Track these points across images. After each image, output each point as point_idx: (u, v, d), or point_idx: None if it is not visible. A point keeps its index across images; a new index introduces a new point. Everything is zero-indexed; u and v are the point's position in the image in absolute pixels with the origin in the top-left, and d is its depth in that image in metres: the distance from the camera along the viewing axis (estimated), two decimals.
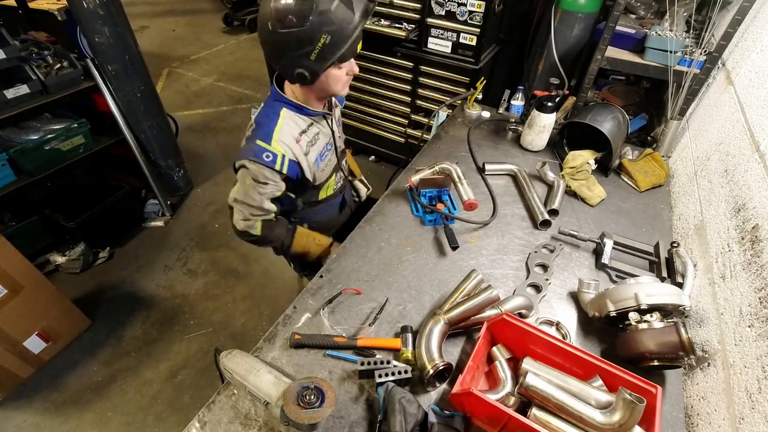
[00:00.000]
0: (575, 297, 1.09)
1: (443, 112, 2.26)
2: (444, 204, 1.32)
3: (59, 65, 2.17)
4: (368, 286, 1.11)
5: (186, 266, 2.47)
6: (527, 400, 0.80)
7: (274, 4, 0.95)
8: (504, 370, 0.89)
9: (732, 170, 1.10)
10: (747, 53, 1.34)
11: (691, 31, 1.74)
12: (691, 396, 0.94)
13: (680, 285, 1.05)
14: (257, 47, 4.98)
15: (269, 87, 1.21)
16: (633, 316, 0.92)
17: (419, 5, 2.29)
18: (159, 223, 2.71)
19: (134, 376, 1.92)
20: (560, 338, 0.89)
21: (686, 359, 0.86)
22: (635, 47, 1.81)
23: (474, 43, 2.26)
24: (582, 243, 1.24)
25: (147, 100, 2.44)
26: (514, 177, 1.51)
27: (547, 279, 1.13)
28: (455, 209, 1.32)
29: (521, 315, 1.01)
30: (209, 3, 6.61)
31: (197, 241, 2.62)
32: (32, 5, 2.77)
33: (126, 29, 2.22)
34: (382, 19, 2.47)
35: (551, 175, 1.47)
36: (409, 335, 0.95)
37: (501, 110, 1.90)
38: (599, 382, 0.83)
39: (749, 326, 0.81)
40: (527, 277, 1.14)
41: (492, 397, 0.78)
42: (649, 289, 0.93)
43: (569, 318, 1.06)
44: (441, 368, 0.85)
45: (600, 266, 1.18)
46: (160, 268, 2.44)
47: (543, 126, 1.57)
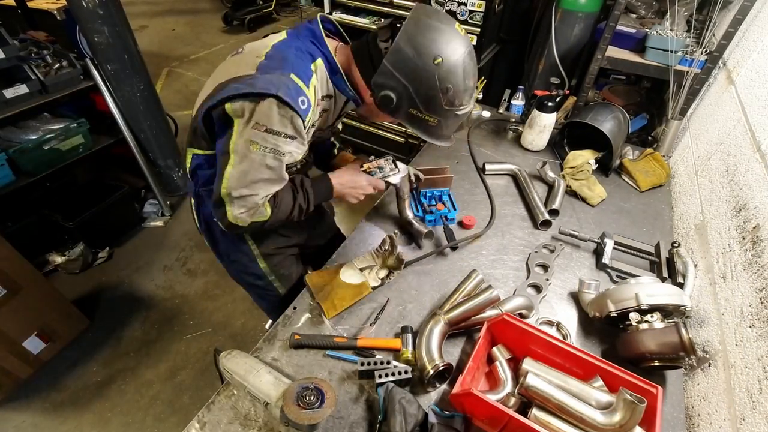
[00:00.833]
0: (576, 297, 1.09)
1: None
2: (444, 204, 1.31)
3: (58, 65, 2.16)
4: None
5: (185, 266, 2.46)
6: (527, 401, 0.80)
7: (468, 58, 0.85)
8: (504, 371, 0.89)
9: (733, 170, 1.10)
10: (748, 53, 1.34)
11: (692, 31, 1.73)
12: (692, 396, 0.94)
13: (681, 285, 1.04)
14: None
15: None
16: (634, 317, 0.92)
17: None
18: (158, 223, 2.71)
19: (133, 377, 1.92)
20: (561, 338, 0.89)
21: (687, 359, 0.86)
22: (636, 47, 1.81)
23: (474, 43, 2.25)
24: (582, 243, 1.24)
25: (146, 100, 2.43)
26: (515, 177, 1.51)
27: (548, 279, 1.13)
28: (455, 209, 1.32)
29: (521, 315, 1.01)
30: (209, 2, 6.60)
31: (197, 241, 2.61)
32: (31, 5, 2.76)
33: (125, 29, 2.21)
34: (382, 19, 2.47)
35: (552, 175, 1.47)
36: (410, 335, 0.95)
37: (501, 110, 1.89)
38: (600, 383, 0.83)
39: (750, 326, 0.81)
40: (527, 278, 1.14)
41: (492, 398, 0.78)
42: (650, 290, 0.93)
43: (570, 318, 1.06)
44: (441, 369, 0.85)
45: (600, 266, 1.18)
46: (160, 268, 2.44)
47: (543, 126, 1.57)
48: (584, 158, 1.48)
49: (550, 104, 1.52)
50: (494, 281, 1.14)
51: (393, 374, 0.87)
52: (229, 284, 2.35)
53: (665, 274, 1.12)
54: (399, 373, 0.87)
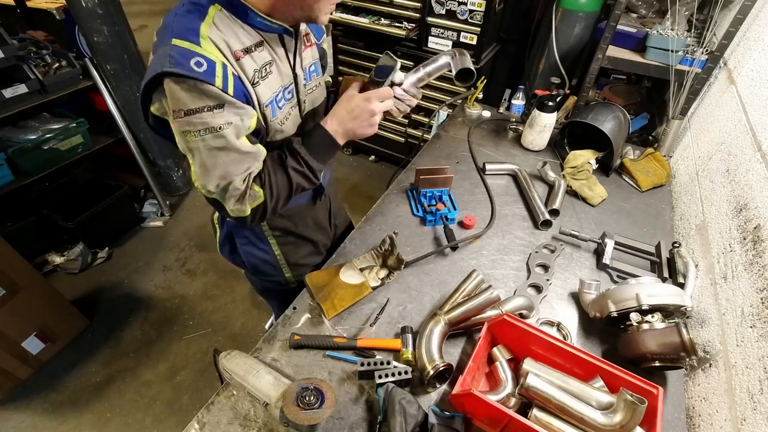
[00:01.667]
0: (576, 297, 1.09)
1: (443, 112, 2.26)
2: (444, 204, 1.31)
3: (57, 64, 2.16)
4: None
5: (185, 266, 2.46)
6: (528, 401, 0.80)
7: None
8: (504, 371, 0.89)
9: (734, 170, 1.10)
10: (749, 52, 1.33)
11: (693, 30, 1.73)
12: (693, 397, 0.94)
13: (682, 285, 1.04)
14: None
15: None
16: (634, 317, 0.92)
17: (419, 4, 2.28)
18: (158, 224, 2.71)
19: (133, 377, 1.92)
20: (561, 339, 0.88)
21: (688, 360, 0.85)
22: (636, 46, 1.80)
23: (474, 43, 2.25)
24: (583, 243, 1.24)
25: None
26: (515, 177, 1.50)
27: (548, 279, 1.13)
28: (455, 209, 1.32)
29: (522, 315, 1.01)
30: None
31: (196, 242, 2.61)
32: (30, 4, 2.76)
33: (125, 28, 2.21)
34: (382, 18, 2.47)
35: (552, 175, 1.46)
36: (410, 336, 0.95)
37: (501, 110, 1.89)
38: (600, 383, 0.83)
39: (751, 327, 0.81)
40: (528, 278, 1.14)
41: (492, 398, 0.78)
42: (651, 290, 0.92)
43: (570, 318, 1.05)
44: (441, 369, 0.84)
45: (601, 266, 1.17)
46: (159, 269, 2.44)
47: (544, 125, 1.56)
48: (585, 158, 1.48)
49: (551, 104, 1.51)
50: (494, 281, 1.14)
51: (393, 375, 0.86)
52: (229, 284, 2.35)
53: (666, 275, 1.12)
54: (399, 374, 0.87)
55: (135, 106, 2.40)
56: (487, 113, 1.85)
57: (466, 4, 2.16)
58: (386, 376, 0.86)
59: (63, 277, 2.33)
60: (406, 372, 0.87)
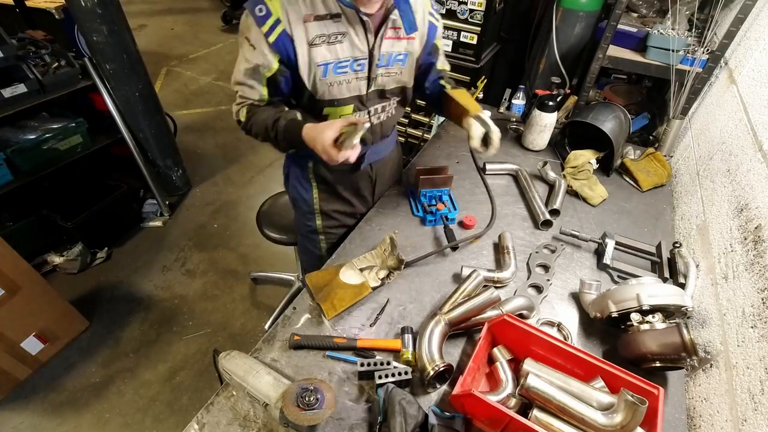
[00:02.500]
0: (576, 298, 1.09)
1: None
2: (444, 204, 1.31)
3: (57, 64, 2.16)
4: None
5: (184, 267, 2.46)
6: (528, 402, 0.80)
7: None
8: (505, 372, 0.88)
9: (735, 170, 1.10)
10: (750, 52, 1.33)
11: (694, 30, 1.73)
12: (694, 397, 0.93)
13: (682, 286, 1.04)
14: None
15: None
16: (635, 317, 0.92)
17: None
18: (157, 224, 2.70)
19: (132, 378, 1.92)
20: (561, 339, 0.88)
21: (688, 360, 0.85)
22: (637, 46, 1.80)
23: (475, 42, 2.25)
24: (583, 243, 1.23)
25: (145, 100, 2.43)
26: (515, 177, 1.50)
27: (549, 279, 1.13)
28: (455, 209, 1.31)
29: (522, 316, 1.00)
30: (208, 1, 6.59)
31: (196, 242, 2.61)
32: (30, 3, 2.76)
33: (124, 28, 2.20)
34: None
35: (552, 175, 1.46)
36: (410, 336, 0.95)
37: (502, 109, 1.89)
38: (601, 384, 0.83)
39: (752, 327, 0.81)
40: (528, 278, 1.14)
41: (493, 399, 0.77)
42: (651, 290, 0.92)
43: (570, 319, 1.05)
44: (441, 369, 0.84)
45: (602, 267, 1.17)
46: (159, 269, 2.43)
47: (544, 125, 1.56)
48: (585, 158, 1.48)
49: (551, 104, 1.51)
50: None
51: (393, 375, 0.86)
52: (229, 284, 2.35)
53: (667, 275, 1.12)
54: (399, 374, 0.86)
55: (134, 106, 2.40)
56: (488, 113, 1.84)
57: (467, 4, 2.15)
58: (386, 377, 0.86)
59: (62, 278, 2.33)
60: (406, 372, 0.87)
